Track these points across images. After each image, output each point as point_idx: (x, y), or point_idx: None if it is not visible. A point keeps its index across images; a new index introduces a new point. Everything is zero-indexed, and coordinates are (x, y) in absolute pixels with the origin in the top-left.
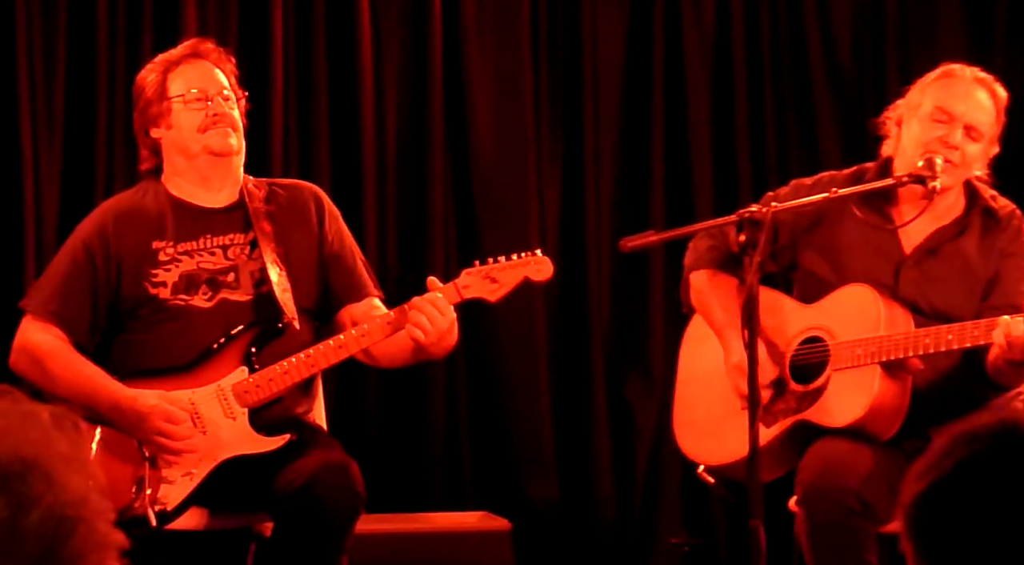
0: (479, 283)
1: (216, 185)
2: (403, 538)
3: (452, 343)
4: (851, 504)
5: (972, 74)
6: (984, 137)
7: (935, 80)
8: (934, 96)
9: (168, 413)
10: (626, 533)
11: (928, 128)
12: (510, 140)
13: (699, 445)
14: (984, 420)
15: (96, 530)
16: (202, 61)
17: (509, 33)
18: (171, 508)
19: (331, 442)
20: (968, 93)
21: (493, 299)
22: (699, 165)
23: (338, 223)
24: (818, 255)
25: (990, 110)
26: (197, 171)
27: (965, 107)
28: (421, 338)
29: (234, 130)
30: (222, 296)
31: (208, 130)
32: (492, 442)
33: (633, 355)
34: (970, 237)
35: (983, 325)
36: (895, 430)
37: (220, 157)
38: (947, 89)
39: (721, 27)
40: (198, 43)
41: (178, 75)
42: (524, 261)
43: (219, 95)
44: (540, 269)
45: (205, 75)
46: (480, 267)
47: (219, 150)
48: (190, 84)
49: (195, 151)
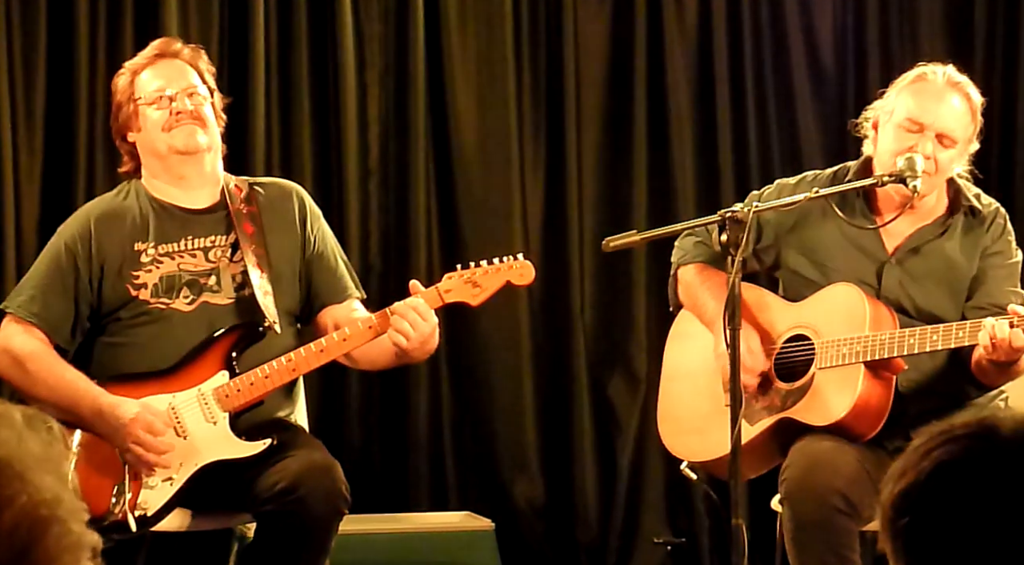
0: (461, 287)
1: (194, 184)
2: (387, 538)
3: (433, 347)
4: (835, 502)
5: (945, 79)
6: (958, 142)
7: (908, 86)
8: (905, 105)
9: (149, 424)
10: (610, 533)
11: (900, 137)
12: (493, 139)
13: (683, 441)
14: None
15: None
16: (169, 60)
17: (491, 33)
18: (151, 513)
19: (314, 443)
20: (939, 101)
21: (475, 303)
22: (681, 165)
23: (320, 223)
24: (801, 254)
25: (963, 115)
26: (171, 171)
27: (935, 116)
28: (403, 344)
29: (202, 127)
30: (203, 299)
31: (172, 129)
32: (476, 442)
33: (616, 355)
34: (953, 236)
35: (968, 326)
36: (878, 429)
37: (188, 155)
38: (918, 97)
39: (703, 26)
40: (165, 43)
41: (145, 77)
42: (506, 266)
43: (183, 93)
44: (522, 274)
45: (169, 74)
46: (462, 271)
47: (184, 148)
48: (154, 84)
49: (163, 151)
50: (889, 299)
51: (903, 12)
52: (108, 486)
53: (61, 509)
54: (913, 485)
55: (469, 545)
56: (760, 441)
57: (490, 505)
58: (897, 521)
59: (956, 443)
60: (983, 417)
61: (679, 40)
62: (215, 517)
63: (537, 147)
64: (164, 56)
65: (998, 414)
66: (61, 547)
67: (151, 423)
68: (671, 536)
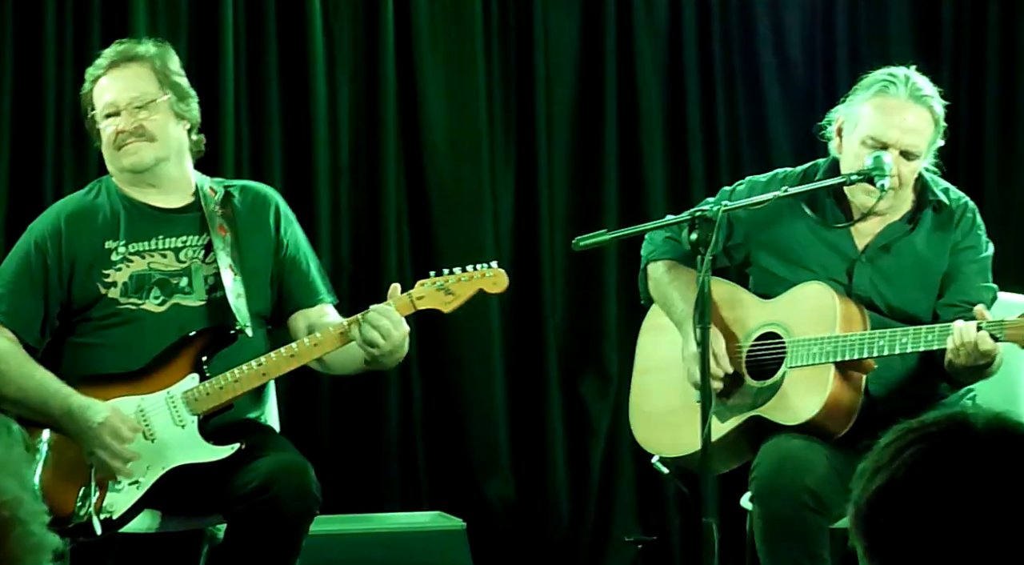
0: (434, 294)
1: (164, 188)
2: (358, 538)
3: (403, 355)
4: (805, 500)
5: (908, 91)
6: (922, 153)
7: (871, 100)
8: (868, 122)
9: (116, 429)
10: (581, 531)
11: (864, 153)
12: (463, 139)
13: (654, 435)
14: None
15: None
16: (122, 69)
17: (461, 33)
18: (116, 516)
19: (285, 444)
20: (903, 119)
21: (447, 310)
22: (651, 164)
23: (293, 228)
24: (772, 252)
25: (927, 128)
26: (138, 182)
27: (900, 133)
28: (374, 352)
29: (148, 140)
30: (175, 301)
31: (121, 148)
32: (447, 442)
33: (587, 354)
34: (921, 231)
35: (938, 329)
36: (848, 428)
37: (138, 173)
38: (881, 114)
39: (673, 26)
40: (119, 50)
41: (97, 91)
42: (480, 273)
43: (129, 108)
44: (496, 282)
45: (118, 86)
46: (435, 278)
47: (132, 168)
48: (103, 98)
49: (116, 169)
50: (860, 297)
51: (871, 11)
52: (74, 488)
53: (22, 511)
54: (890, 483)
55: (441, 545)
56: (730, 439)
57: (462, 505)
58: (874, 519)
59: (930, 441)
60: (954, 414)
61: (649, 39)
62: (185, 518)
63: (507, 146)
64: (117, 64)
65: (968, 411)
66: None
67: (118, 429)
68: (642, 534)
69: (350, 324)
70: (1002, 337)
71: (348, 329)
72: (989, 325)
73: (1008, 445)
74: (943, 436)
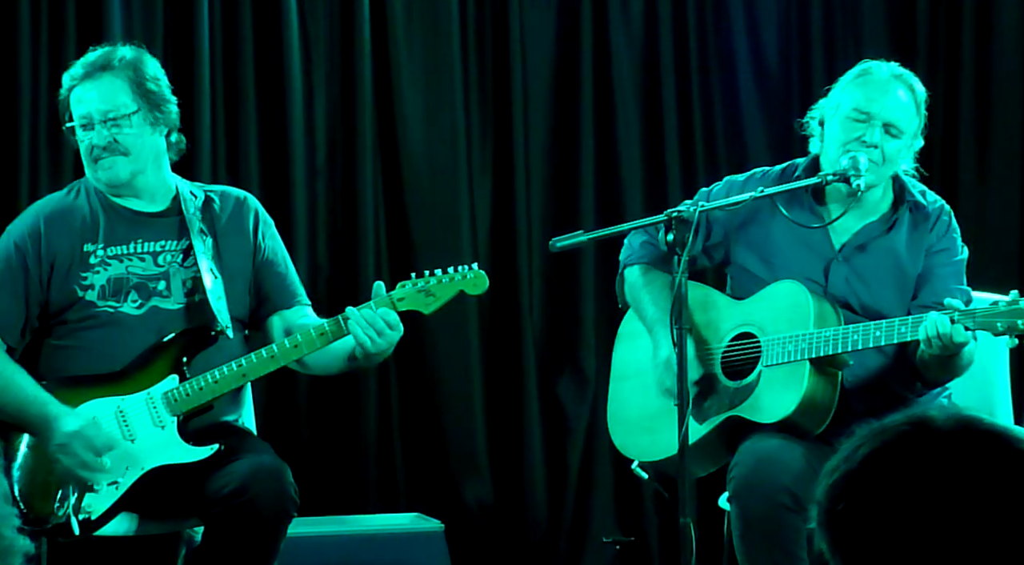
0: (414, 296)
1: (143, 194)
2: (336, 540)
3: (388, 354)
4: (782, 499)
5: (889, 71)
6: (904, 133)
7: (853, 79)
8: (852, 96)
9: (89, 439)
10: (559, 532)
11: (847, 128)
12: (440, 140)
13: (632, 440)
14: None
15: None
16: (96, 78)
17: (438, 34)
18: (95, 517)
19: (263, 446)
20: (885, 91)
21: (428, 312)
22: (628, 165)
23: (272, 232)
24: (750, 252)
25: (908, 106)
26: (112, 189)
27: (882, 105)
28: (369, 346)
29: (123, 154)
30: (153, 304)
31: (97, 161)
32: (425, 443)
33: (565, 355)
34: (899, 233)
35: (911, 322)
36: (825, 426)
37: (114, 187)
38: (864, 89)
39: (649, 27)
40: (94, 58)
41: (74, 99)
42: (460, 275)
43: (102, 121)
44: (476, 283)
45: (92, 97)
46: (416, 280)
47: (108, 183)
48: (78, 109)
49: (93, 180)
50: (836, 296)
51: (847, 9)
52: (53, 489)
53: None
54: (847, 473)
55: (419, 546)
56: (708, 440)
57: (440, 506)
58: (833, 509)
59: (888, 434)
60: (916, 412)
61: (625, 40)
62: (163, 521)
63: (484, 147)
64: (91, 75)
65: (930, 410)
66: None
67: (91, 439)
68: (620, 535)
69: (331, 325)
70: (973, 326)
71: (329, 329)
72: (962, 316)
73: (967, 440)
74: (903, 429)
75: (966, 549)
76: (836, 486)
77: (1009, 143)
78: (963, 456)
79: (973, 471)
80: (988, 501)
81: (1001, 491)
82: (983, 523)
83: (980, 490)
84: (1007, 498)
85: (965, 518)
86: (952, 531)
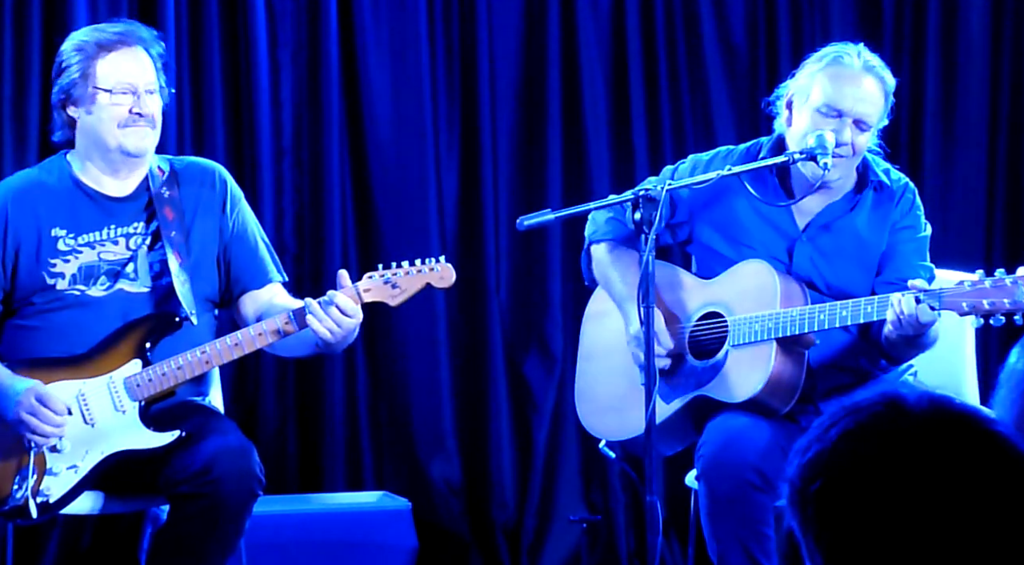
0: (380, 288)
1: (124, 176)
2: (302, 519)
3: (352, 340)
4: (750, 478)
5: (861, 62)
6: (874, 125)
7: (824, 70)
8: (823, 91)
9: (43, 395)
10: (526, 511)
11: (818, 122)
12: (407, 118)
13: (600, 420)
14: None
15: None
16: (132, 49)
17: (404, 11)
18: (53, 500)
19: (229, 425)
20: (856, 86)
21: (394, 304)
22: (595, 144)
23: (241, 206)
24: (715, 230)
25: (879, 98)
26: (108, 162)
27: (854, 102)
28: (329, 337)
29: (152, 128)
30: (119, 286)
31: (128, 128)
32: (391, 421)
33: (532, 333)
34: (862, 212)
35: (876, 302)
36: (791, 405)
37: (133, 157)
38: (836, 83)
39: (616, 6)
40: (133, 28)
41: (109, 63)
42: (427, 268)
43: (145, 91)
44: (443, 277)
45: (135, 68)
46: (383, 271)
47: (134, 151)
48: (120, 77)
49: (111, 146)
50: (800, 276)
51: None
52: (12, 470)
53: None
54: (821, 452)
55: (385, 525)
56: (676, 419)
57: (406, 484)
58: (805, 489)
59: (859, 414)
60: (886, 391)
61: (592, 18)
62: (127, 500)
63: (451, 126)
64: (127, 43)
65: (901, 389)
66: None
67: (46, 395)
68: (587, 513)
69: (296, 314)
70: (939, 307)
71: (294, 320)
72: (927, 296)
73: (939, 420)
74: (874, 407)
75: (937, 529)
76: (808, 466)
77: (974, 122)
78: (935, 437)
79: (945, 452)
80: (960, 482)
81: (972, 472)
82: (955, 503)
83: (952, 471)
84: (978, 479)
85: (937, 498)
86: (924, 512)
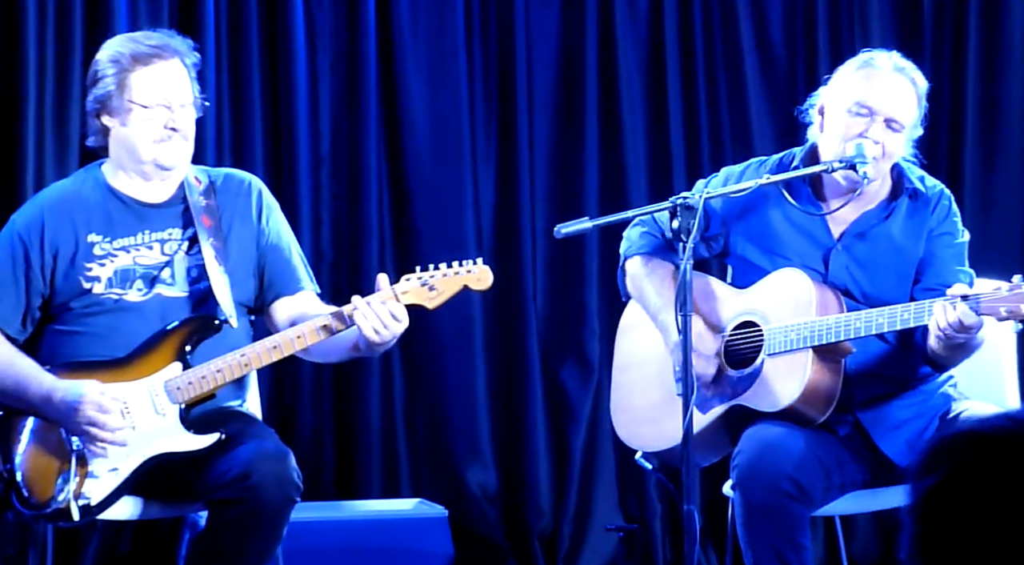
0: (418, 290)
1: (157, 184)
2: (339, 526)
3: (391, 345)
4: (785, 487)
5: (892, 64)
6: (906, 126)
7: (855, 71)
8: (854, 90)
9: (100, 403)
10: (562, 519)
11: (850, 123)
12: (445, 126)
13: (637, 431)
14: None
15: None
16: (168, 62)
17: (443, 20)
18: (95, 503)
19: (267, 431)
20: (887, 86)
21: (431, 306)
22: (633, 152)
23: (276, 215)
24: (749, 241)
25: (910, 99)
26: (141, 172)
27: (885, 101)
28: (374, 338)
29: (185, 141)
30: (157, 291)
31: (163, 142)
32: (428, 429)
33: (569, 342)
34: (897, 219)
35: (913, 308)
36: (828, 414)
37: (167, 170)
38: (867, 82)
39: (654, 15)
40: (165, 40)
41: (145, 77)
42: (465, 269)
43: (180, 106)
44: (480, 279)
45: (171, 82)
46: (420, 274)
47: (168, 164)
48: (156, 92)
49: (145, 159)
50: (836, 285)
51: None
52: (54, 474)
53: None
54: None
55: (422, 532)
56: (712, 429)
57: (443, 492)
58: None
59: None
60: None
61: (630, 26)
62: (166, 505)
63: (489, 134)
64: (163, 56)
65: None
66: None
67: (103, 403)
68: (623, 522)
69: (334, 317)
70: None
71: (332, 322)
72: (964, 302)
73: None
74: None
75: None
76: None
77: (1014, 130)
78: None
79: None
80: None
81: None
82: None
83: None
84: None
85: None
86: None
